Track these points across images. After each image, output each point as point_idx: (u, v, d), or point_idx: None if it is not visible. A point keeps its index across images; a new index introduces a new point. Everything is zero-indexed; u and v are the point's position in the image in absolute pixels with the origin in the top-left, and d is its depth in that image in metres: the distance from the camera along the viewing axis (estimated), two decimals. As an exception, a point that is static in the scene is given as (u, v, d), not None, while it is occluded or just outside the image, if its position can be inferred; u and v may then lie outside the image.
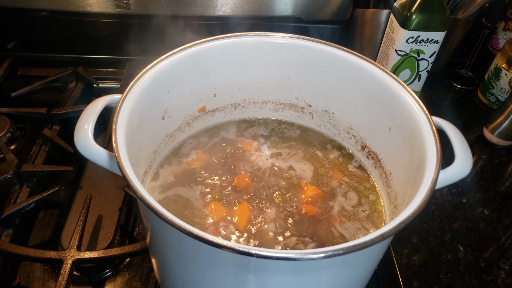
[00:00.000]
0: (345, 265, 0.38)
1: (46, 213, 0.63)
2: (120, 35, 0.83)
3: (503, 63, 0.77)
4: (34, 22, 0.82)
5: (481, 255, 0.57)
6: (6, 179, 0.60)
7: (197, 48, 0.51)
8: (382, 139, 0.53)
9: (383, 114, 0.51)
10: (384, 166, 0.53)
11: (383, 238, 0.33)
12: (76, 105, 0.74)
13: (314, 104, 0.60)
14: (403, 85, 0.48)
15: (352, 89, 0.54)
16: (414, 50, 0.70)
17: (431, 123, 0.44)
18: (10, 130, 0.71)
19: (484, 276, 0.54)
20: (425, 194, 0.37)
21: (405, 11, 0.68)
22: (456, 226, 0.60)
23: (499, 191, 0.66)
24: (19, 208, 0.57)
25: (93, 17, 0.81)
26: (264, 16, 0.81)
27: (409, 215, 0.35)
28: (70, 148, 0.66)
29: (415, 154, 0.44)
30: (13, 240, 0.56)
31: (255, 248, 0.31)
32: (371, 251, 0.39)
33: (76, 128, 0.43)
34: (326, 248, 0.32)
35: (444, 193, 0.65)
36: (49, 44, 0.85)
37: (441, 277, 0.54)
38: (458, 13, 0.79)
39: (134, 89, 0.45)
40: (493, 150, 0.73)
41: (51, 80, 0.78)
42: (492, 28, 0.86)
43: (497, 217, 0.62)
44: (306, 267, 0.36)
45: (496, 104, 0.80)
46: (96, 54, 0.85)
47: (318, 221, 0.50)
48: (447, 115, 0.81)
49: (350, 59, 0.52)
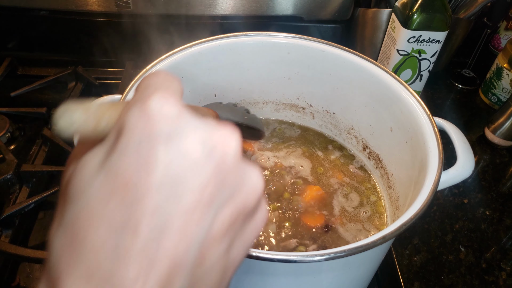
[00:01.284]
0: (346, 267, 0.38)
1: (46, 213, 0.63)
2: (120, 35, 0.83)
3: (504, 63, 0.76)
4: (33, 22, 0.82)
5: (483, 256, 0.56)
6: (5, 180, 0.60)
7: (198, 48, 0.51)
8: (384, 139, 0.53)
9: (385, 114, 0.51)
10: (385, 167, 0.53)
11: (385, 240, 0.33)
12: (76, 105, 0.74)
13: (315, 104, 0.60)
14: (405, 85, 0.48)
15: (353, 89, 0.54)
16: (415, 50, 0.70)
17: (433, 124, 0.43)
18: (10, 130, 0.71)
19: (485, 277, 0.54)
20: (427, 196, 0.37)
21: (406, 11, 0.68)
22: (457, 226, 0.60)
23: (500, 192, 0.66)
24: (19, 209, 0.57)
25: (93, 16, 0.81)
26: (265, 16, 0.81)
27: (411, 217, 0.35)
28: (70, 148, 0.66)
29: (417, 155, 0.44)
30: (12, 240, 0.56)
31: (255, 250, 0.31)
32: (373, 253, 0.39)
33: (76, 129, 0.43)
34: (327, 251, 0.32)
35: (445, 193, 0.65)
36: (49, 44, 0.85)
37: (442, 278, 0.54)
38: (460, 13, 0.78)
39: (133, 89, 0.45)
40: (495, 150, 0.73)
41: (50, 80, 0.77)
42: (494, 28, 0.86)
43: (498, 218, 0.62)
44: (307, 270, 0.36)
45: (497, 104, 0.80)
46: (96, 54, 0.85)
47: (319, 222, 0.49)
48: (448, 115, 0.81)
49: (351, 59, 0.52)
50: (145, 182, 0.18)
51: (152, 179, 0.18)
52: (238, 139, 0.21)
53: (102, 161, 0.19)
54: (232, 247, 0.22)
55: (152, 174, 0.18)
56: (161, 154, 0.19)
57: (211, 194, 0.19)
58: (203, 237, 0.19)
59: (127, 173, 0.18)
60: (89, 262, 0.18)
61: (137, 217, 0.18)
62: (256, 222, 0.23)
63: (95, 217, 0.18)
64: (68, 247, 0.18)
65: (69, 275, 0.18)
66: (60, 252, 0.19)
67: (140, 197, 0.18)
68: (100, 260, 0.18)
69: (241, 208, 0.21)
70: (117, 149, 0.19)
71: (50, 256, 0.19)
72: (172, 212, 0.18)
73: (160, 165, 0.19)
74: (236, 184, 0.21)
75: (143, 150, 0.19)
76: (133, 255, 0.18)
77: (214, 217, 0.20)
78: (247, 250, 0.23)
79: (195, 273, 0.19)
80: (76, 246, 0.18)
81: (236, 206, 0.21)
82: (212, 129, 0.20)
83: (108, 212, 0.18)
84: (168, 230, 0.18)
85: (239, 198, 0.21)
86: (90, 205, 0.18)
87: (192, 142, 0.19)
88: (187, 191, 0.19)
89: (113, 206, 0.18)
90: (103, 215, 0.18)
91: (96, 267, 0.18)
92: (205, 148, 0.20)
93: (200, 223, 0.19)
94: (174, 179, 0.19)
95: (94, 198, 0.19)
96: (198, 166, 0.19)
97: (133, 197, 0.18)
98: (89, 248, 0.18)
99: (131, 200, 0.18)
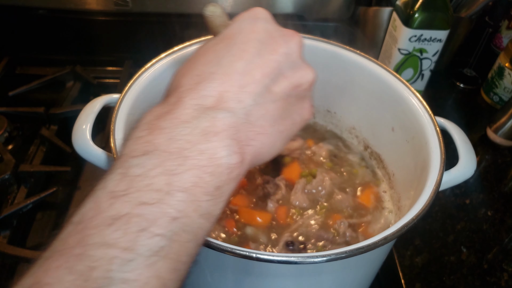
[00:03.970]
0: (347, 268, 0.38)
1: (44, 214, 0.62)
2: (119, 34, 0.82)
3: (506, 62, 0.76)
4: (32, 21, 0.81)
5: (484, 257, 0.56)
6: (3, 180, 0.59)
7: (197, 47, 0.51)
8: (385, 139, 0.52)
9: (386, 114, 0.50)
10: (387, 167, 0.53)
11: (387, 241, 0.33)
12: (74, 104, 0.74)
13: (316, 104, 0.59)
14: (406, 85, 0.47)
15: (354, 88, 0.53)
16: (417, 49, 0.70)
17: (435, 124, 0.43)
18: (8, 130, 0.70)
19: (487, 278, 0.54)
20: (428, 197, 0.36)
21: (408, 9, 0.67)
22: (459, 227, 0.60)
23: (502, 192, 0.65)
24: (17, 209, 0.56)
25: (91, 15, 0.80)
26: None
27: (413, 218, 0.34)
28: (68, 148, 0.65)
29: (419, 155, 0.43)
30: (10, 241, 0.55)
31: (255, 251, 0.31)
32: (374, 254, 0.39)
33: (74, 129, 0.43)
34: (328, 252, 0.31)
35: (447, 193, 0.64)
36: (47, 43, 0.84)
37: (444, 279, 0.53)
38: (461, 12, 0.78)
39: (132, 88, 0.44)
40: (497, 150, 0.73)
41: (49, 79, 0.77)
42: (495, 27, 0.85)
43: (500, 218, 0.61)
44: (308, 271, 0.35)
45: (499, 104, 0.80)
46: (94, 53, 0.85)
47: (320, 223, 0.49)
48: (450, 114, 0.80)
49: (352, 58, 0.52)
50: (243, 37, 0.31)
51: (249, 36, 0.31)
52: (301, 42, 0.34)
53: (225, 31, 0.33)
54: (286, 112, 0.32)
55: (250, 35, 0.32)
56: (257, 26, 0.32)
57: (283, 59, 0.32)
58: (274, 79, 0.31)
59: (233, 32, 0.32)
60: (198, 70, 0.30)
61: (236, 50, 0.31)
62: (304, 108, 0.35)
63: (208, 50, 0.32)
64: (187, 69, 0.31)
65: (185, 76, 0.30)
66: (181, 72, 0.31)
67: (239, 43, 0.31)
68: (205, 69, 0.30)
69: (296, 83, 0.32)
70: (231, 25, 0.34)
71: (174, 78, 0.32)
72: (263, 54, 0.31)
73: (254, 32, 0.32)
74: (296, 66, 0.33)
75: (245, 23, 0.33)
76: (232, 72, 0.30)
77: (278, 77, 0.31)
78: (294, 128, 0.34)
79: (265, 96, 0.30)
80: (192, 65, 0.31)
81: (293, 80, 0.32)
82: (285, 29, 0.34)
83: (217, 47, 0.32)
84: (253, 68, 0.30)
85: (296, 76, 0.32)
86: (205, 47, 0.33)
87: (277, 30, 0.33)
88: (268, 53, 0.31)
89: (221, 45, 0.32)
90: (213, 49, 0.32)
91: (202, 71, 0.30)
92: (280, 33, 0.33)
93: (270, 73, 0.31)
94: (262, 42, 0.31)
95: (208, 44, 0.33)
96: (277, 42, 0.32)
97: (234, 42, 0.31)
98: (201, 63, 0.31)
99: (233, 43, 0.31)
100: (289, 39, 0.33)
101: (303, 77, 0.33)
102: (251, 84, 0.29)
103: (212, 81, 0.29)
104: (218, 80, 0.29)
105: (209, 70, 0.30)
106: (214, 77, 0.29)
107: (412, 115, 0.46)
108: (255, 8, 0.34)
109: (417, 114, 0.45)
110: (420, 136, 0.44)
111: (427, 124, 0.43)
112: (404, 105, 0.47)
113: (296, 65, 0.33)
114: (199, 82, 0.29)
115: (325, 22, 0.84)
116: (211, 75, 0.29)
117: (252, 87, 0.29)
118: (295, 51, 0.33)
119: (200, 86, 0.29)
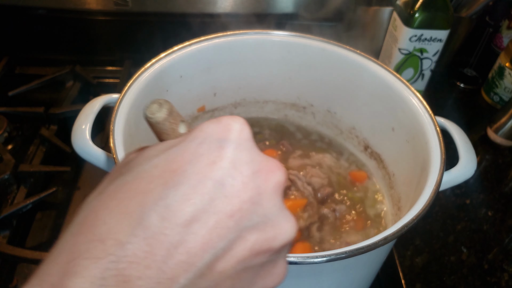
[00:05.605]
0: (347, 269, 0.37)
1: (44, 214, 0.62)
2: (119, 33, 0.82)
3: (507, 62, 0.76)
4: (31, 20, 0.81)
5: (485, 257, 0.56)
6: (3, 180, 0.59)
7: (197, 47, 0.51)
8: (385, 139, 0.52)
9: (386, 114, 0.50)
10: (387, 167, 0.53)
11: (387, 241, 0.32)
12: (74, 104, 0.74)
13: (316, 104, 0.60)
14: (407, 85, 0.47)
15: (354, 88, 0.53)
16: (417, 49, 0.69)
17: (435, 124, 0.43)
18: (7, 130, 0.70)
19: (487, 278, 0.54)
20: (429, 197, 0.36)
21: (408, 9, 0.67)
22: (459, 227, 0.60)
23: (503, 192, 0.65)
24: (16, 209, 0.56)
25: (91, 15, 0.80)
26: (264, 14, 0.80)
27: (413, 218, 0.34)
28: (67, 148, 0.65)
29: (419, 155, 0.43)
30: (10, 241, 0.55)
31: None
32: (374, 254, 0.38)
33: (73, 129, 0.42)
34: (328, 252, 0.31)
35: (447, 194, 0.64)
36: (47, 43, 0.84)
37: (444, 279, 0.53)
38: (462, 11, 0.78)
39: (132, 88, 0.44)
40: (497, 150, 0.73)
41: (48, 79, 0.77)
42: (496, 27, 0.85)
43: (501, 219, 0.61)
44: (307, 271, 0.35)
45: (500, 104, 0.80)
46: (94, 53, 0.84)
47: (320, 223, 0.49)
48: (450, 114, 0.80)
49: (352, 57, 0.51)
50: (191, 173, 0.20)
51: (203, 171, 0.20)
52: (283, 180, 0.23)
53: (167, 148, 0.21)
54: (240, 280, 0.21)
55: (205, 169, 0.20)
56: (222, 154, 0.21)
57: (246, 210, 0.20)
58: (223, 248, 0.20)
59: (181, 162, 0.20)
60: (101, 226, 0.19)
61: (170, 200, 0.19)
62: (273, 274, 0.23)
63: (136, 191, 0.20)
64: (101, 208, 0.20)
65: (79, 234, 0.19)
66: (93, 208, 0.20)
67: (177, 183, 0.19)
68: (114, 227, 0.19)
69: (265, 242, 0.21)
70: (183, 143, 0.21)
71: (81, 210, 0.20)
72: (209, 209, 0.19)
73: (214, 164, 0.20)
74: (270, 217, 0.21)
75: (203, 149, 0.21)
76: (158, 234, 0.18)
77: (240, 235, 0.20)
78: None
79: (202, 275, 0.19)
80: (111, 207, 0.19)
81: (263, 237, 0.21)
82: (266, 158, 0.22)
83: (150, 188, 0.20)
84: (198, 223, 0.19)
85: (269, 232, 0.21)
86: (138, 179, 0.20)
87: (250, 162, 0.21)
88: (225, 202, 0.20)
89: (156, 185, 0.20)
90: (145, 190, 0.20)
91: (106, 230, 0.19)
92: (254, 168, 0.21)
93: (227, 232, 0.20)
94: (219, 184, 0.20)
95: (143, 174, 0.20)
96: (245, 182, 0.21)
97: (175, 182, 0.19)
98: (110, 212, 0.19)
99: (172, 184, 0.19)
100: (266, 176, 0.21)
101: (276, 237, 0.21)
102: (181, 265, 0.18)
103: (122, 250, 0.18)
104: (130, 250, 0.18)
105: (119, 229, 0.18)
106: (125, 246, 0.18)
107: (412, 115, 0.45)
108: (231, 118, 0.22)
109: (417, 113, 0.45)
110: (420, 136, 0.44)
111: (427, 124, 0.43)
112: (404, 105, 0.47)
113: (268, 218, 0.21)
114: (96, 248, 0.18)
115: (325, 21, 0.84)
116: (119, 241, 0.18)
117: (182, 269, 0.19)
118: (271, 197, 0.21)
119: (100, 255, 0.18)
